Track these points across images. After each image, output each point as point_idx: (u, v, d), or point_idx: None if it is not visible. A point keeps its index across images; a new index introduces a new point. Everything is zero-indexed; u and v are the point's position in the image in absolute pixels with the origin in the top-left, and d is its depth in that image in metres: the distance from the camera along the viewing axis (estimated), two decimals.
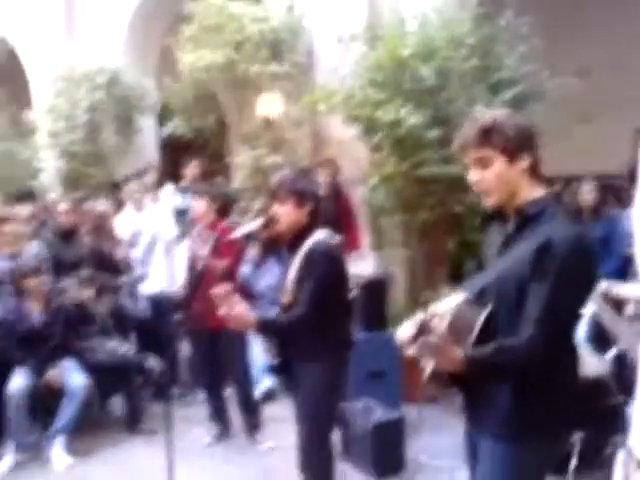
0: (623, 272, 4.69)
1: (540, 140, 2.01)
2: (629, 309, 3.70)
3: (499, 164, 1.93)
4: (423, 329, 1.85)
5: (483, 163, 1.94)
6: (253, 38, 6.03)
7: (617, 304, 3.09)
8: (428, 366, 1.92)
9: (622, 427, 2.93)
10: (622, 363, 3.23)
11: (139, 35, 7.88)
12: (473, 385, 1.97)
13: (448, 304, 1.94)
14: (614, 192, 5.73)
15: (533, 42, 5.11)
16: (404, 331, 1.92)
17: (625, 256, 4.83)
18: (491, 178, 1.94)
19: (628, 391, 2.84)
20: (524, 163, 1.94)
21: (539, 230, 1.89)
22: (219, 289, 2.67)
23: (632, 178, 2.55)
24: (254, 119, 6.53)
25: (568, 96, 4.76)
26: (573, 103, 4.90)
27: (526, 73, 5.17)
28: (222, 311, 2.66)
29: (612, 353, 3.41)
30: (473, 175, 1.97)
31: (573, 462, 3.23)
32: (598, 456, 3.18)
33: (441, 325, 1.91)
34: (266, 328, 2.90)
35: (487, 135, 1.92)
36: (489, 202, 2.00)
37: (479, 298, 1.98)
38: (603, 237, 4.84)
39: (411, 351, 1.85)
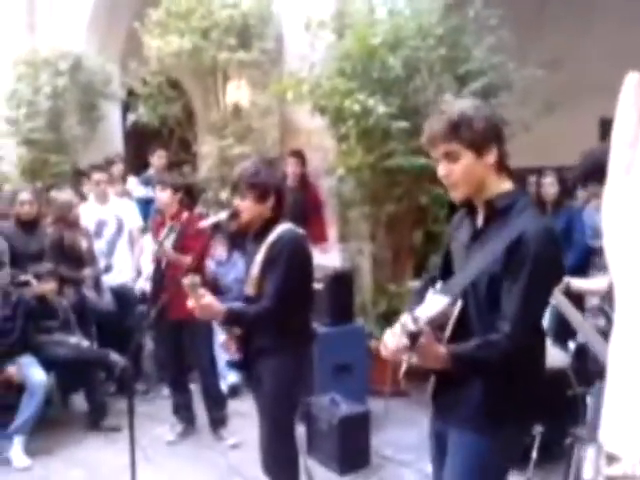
0: (584, 264, 4.74)
1: (506, 131, 2.00)
2: (591, 302, 3.73)
3: (467, 158, 1.92)
4: (416, 338, 1.82)
5: (451, 157, 1.93)
6: (222, 24, 5.92)
7: (577, 297, 3.11)
8: (405, 362, 1.92)
9: (581, 418, 2.96)
10: (582, 355, 3.26)
11: (103, 19, 7.68)
12: (446, 378, 1.96)
13: (432, 308, 1.92)
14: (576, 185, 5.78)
15: (501, 34, 5.11)
16: (392, 339, 1.88)
17: (586, 248, 4.90)
18: (459, 172, 1.93)
19: (588, 383, 2.88)
20: (492, 157, 1.93)
21: (509, 224, 1.89)
22: (188, 279, 2.63)
23: (589, 172, 2.55)
24: (221, 107, 6.43)
25: (534, 87, 4.77)
26: (538, 94, 4.92)
27: (494, 64, 5.17)
28: (190, 302, 2.63)
29: (573, 345, 3.45)
30: (441, 169, 1.96)
31: (534, 453, 3.26)
32: (558, 447, 3.21)
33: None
34: (234, 319, 2.87)
35: (455, 129, 1.90)
36: (457, 195, 1.99)
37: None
38: (564, 229, 4.87)
39: (409, 360, 1.83)
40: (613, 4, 7.20)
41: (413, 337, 1.81)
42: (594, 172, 2.51)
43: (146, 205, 6.15)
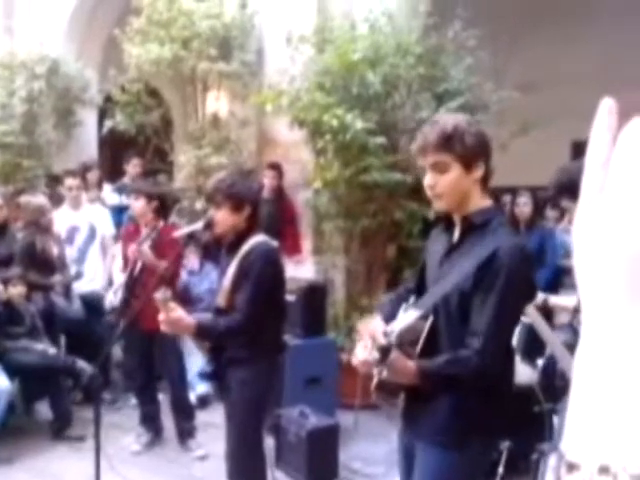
0: (556, 283, 4.81)
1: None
2: (560, 319, 3.79)
3: (456, 171, 1.93)
4: (386, 352, 1.83)
5: (440, 168, 1.94)
6: (203, 34, 5.93)
7: (546, 314, 3.15)
8: (376, 376, 1.92)
9: (548, 434, 2.99)
10: (550, 372, 3.31)
11: (83, 24, 7.64)
12: (416, 393, 1.97)
13: (404, 322, 1.92)
14: (545, 204, 5.89)
15: (479, 55, 5.20)
16: (363, 352, 1.89)
17: (558, 267, 4.98)
18: (446, 184, 1.94)
19: (554, 399, 2.91)
20: (479, 172, 1.94)
21: (484, 241, 1.90)
22: (159, 294, 2.62)
23: (562, 187, 2.60)
24: (199, 117, 6.42)
25: (509, 108, 4.86)
26: (513, 115, 5.01)
27: (471, 84, 5.26)
28: (161, 316, 2.61)
29: (541, 362, 3.50)
30: (428, 179, 1.97)
31: (501, 468, 3.28)
32: (524, 462, 3.24)
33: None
34: (204, 333, 2.86)
35: (448, 141, 1.91)
36: (440, 206, 2.00)
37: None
38: (537, 248, 4.95)
39: (379, 373, 1.82)
40: (589, 29, 7.38)
41: (384, 351, 1.82)
42: (567, 188, 2.56)
43: (119, 213, 6.09)
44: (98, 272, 5.55)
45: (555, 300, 2.99)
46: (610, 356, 0.48)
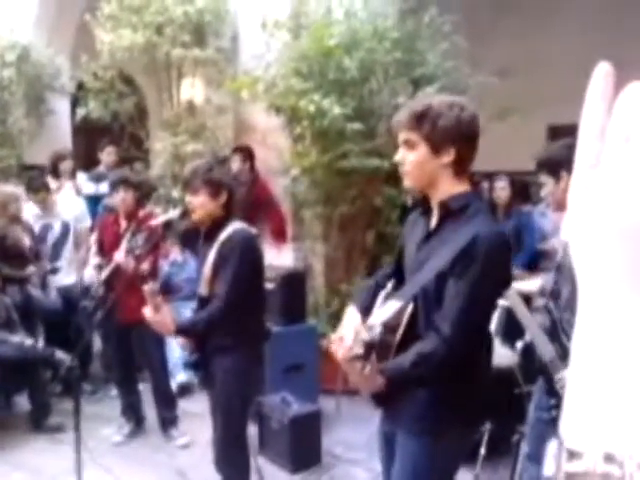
0: (532, 266, 4.86)
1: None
2: (538, 301, 3.85)
3: (422, 151, 1.92)
4: (370, 348, 1.81)
5: (409, 145, 1.94)
6: (176, 20, 5.84)
7: (525, 298, 3.19)
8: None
9: (527, 416, 3.03)
10: (529, 354, 3.35)
11: (53, 10, 7.45)
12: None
13: (385, 313, 1.92)
14: (524, 189, 5.93)
15: (455, 39, 5.20)
16: (346, 340, 1.86)
17: (535, 251, 5.03)
18: (412, 162, 1.94)
19: (533, 381, 2.95)
20: (447, 158, 1.91)
21: (462, 227, 1.89)
22: (148, 286, 2.67)
23: (541, 165, 2.65)
24: (175, 105, 6.34)
25: (487, 93, 4.87)
26: (490, 100, 5.02)
27: (448, 69, 5.25)
28: (147, 312, 2.66)
29: (520, 344, 3.54)
30: (398, 154, 1.98)
31: (482, 450, 3.32)
32: (505, 444, 3.28)
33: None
34: (186, 332, 2.91)
35: (418, 120, 1.91)
36: (407, 183, 2.01)
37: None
38: (514, 232, 4.99)
39: (362, 370, 1.81)
40: (566, 14, 7.41)
41: (367, 347, 1.81)
42: (545, 164, 2.62)
43: (95, 202, 6.00)
44: (73, 265, 5.45)
45: (518, 286, 3.02)
46: (612, 339, 0.46)
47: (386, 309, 1.94)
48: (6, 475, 3.93)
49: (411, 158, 1.94)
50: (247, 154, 5.83)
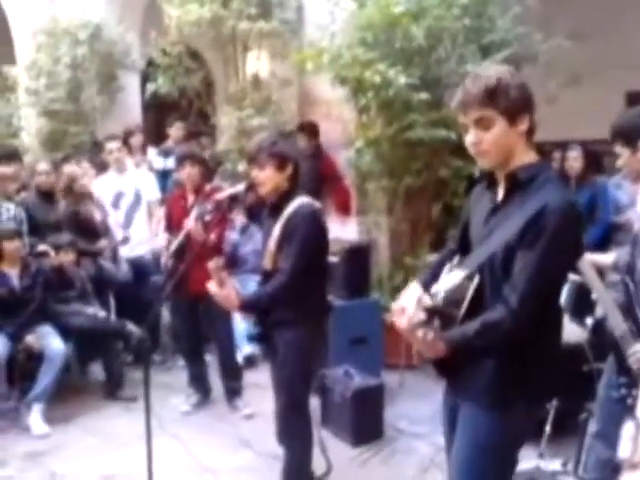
0: (606, 240, 4.65)
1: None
2: (612, 276, 3.68)
3: (500, 126, 1.86)
4: (433, 314, 1.79)
5: (483, 124, 1.87)
6: None
7: (599, 271, 3.07)
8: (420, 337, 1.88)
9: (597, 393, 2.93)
10: (599, 331, 3.23)
11: None
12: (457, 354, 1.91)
13: (449, 282, 1.88)
14: (596, 159, 5.65)
15: (527, 3, 4.97)
16: (408, 309, 1.82)
17: (609, 224, 4.80)
18: (491, 140, 1.87)
19: (604, 358, 2.84)
20: (524, 126, 1.88)
21: (531, 197, 1.84)
22: (213, 262, 2.67)
23: (616, 135, 2.53)
24: (240, 79, 6.36)
25: (559, 59, 4.65)
26: (563, 66, 4.79)
27: (519, 35, 5.04)
28: (212, 287, 2.69)
29: (590, 321, 3.41)
30: (471, 136, 1.90)
31: (547, 428, 3.24)
32: (572, 422, 3.19)
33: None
34: (250, 307, 2.94)
35: (491, 95, 1.84)
36: (484, 164, 1.94)
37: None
38: (587, 204, 4.77)
39: (424, 336, 1.78)
40: None
41: (430, 312, 1.78)
42: (620, 133, 2.50)
43: (164, 177, 6.13)
44: (144, 237, 5.61)
45: (591, 257, 2.89)
46: None
47: (450, 278, 1.91)
48: (80, 439, 4.13)
49: (490, 136, 1.87)
50: (312, 131, 5.81)
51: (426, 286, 2.04)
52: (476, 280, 1.89)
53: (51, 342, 4.39)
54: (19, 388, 4.40)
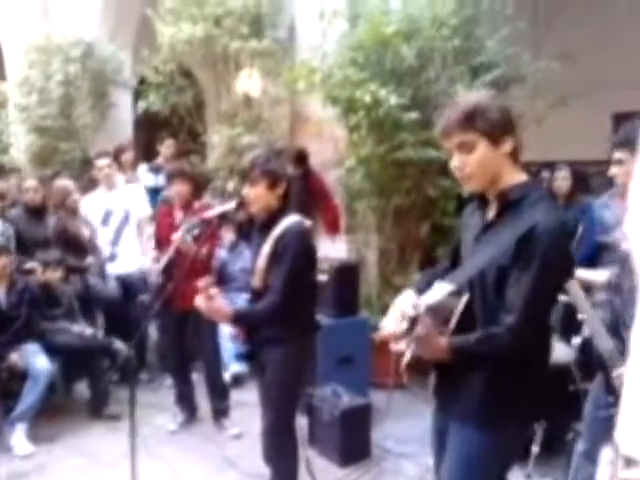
0: (593, 260, 4.66)
1: (518, 125, 1.96)
2: (599, 295, 3.69)
3: (482, 148, 1.89)
4: (415, 323, 1.80)
5: (467, 148, 1.90)
6: (235, 12, 5.88)
7: (586, 290, 3.07)
8: (407, 353, 1.91)
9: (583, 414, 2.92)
10: (587, 351, 3.23)
11: (115, 5, 7.63)
12: (448, 371, 1.95)
13: (435, 295, 1.89)
14: (584, 179, 5.68)
15: (517, 24, 5.03)
16: (391, 324, 1.88)
17: (596, 244, 4.81)
18: (474, 163, 1.90)
19: (591, 378, 2.84)
20: (507, 146, 1.90)
21: (522, 216, 1.85)
22: (203, 281, 2.70)
23: (617, 142, 2.58)
24: (232, 97, 6.39)
25: (547, 80, 4.70)
26: (551, 87, 4.84)
27: (508, 56, 5.10)
28: (201, 303, 2.69)
29: (577, 340, 3.41)
30: (455, 161, 1.93)
31: (535, 448, 3.22)
32: (559, 442, 3.18)
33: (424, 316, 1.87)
34: (242, 321, 2.93)
35: (471, 119, 1.88)
36: (470, 187, 1.96)
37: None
38: (575, 224, 4.79)
39: (403, 345, 1.80)
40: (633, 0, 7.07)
41: (412, 321, 1.81)
42: (622, 141, 2.53)
43: (154, 194, 6.11)
44: (133, 254, 5.57)
45: (582, 274, 2.89)
46: None
47: (435, 291, 1.92)
48: (64, 459, 4.06)
49: (473, 159, 1.90)
50: (300, 159, 5.78)
51: (421, 293, 2.05)
52: (466, 297, 1.90)
53: (36, 360, 4.32)
54: (2, 407, 4.32)
